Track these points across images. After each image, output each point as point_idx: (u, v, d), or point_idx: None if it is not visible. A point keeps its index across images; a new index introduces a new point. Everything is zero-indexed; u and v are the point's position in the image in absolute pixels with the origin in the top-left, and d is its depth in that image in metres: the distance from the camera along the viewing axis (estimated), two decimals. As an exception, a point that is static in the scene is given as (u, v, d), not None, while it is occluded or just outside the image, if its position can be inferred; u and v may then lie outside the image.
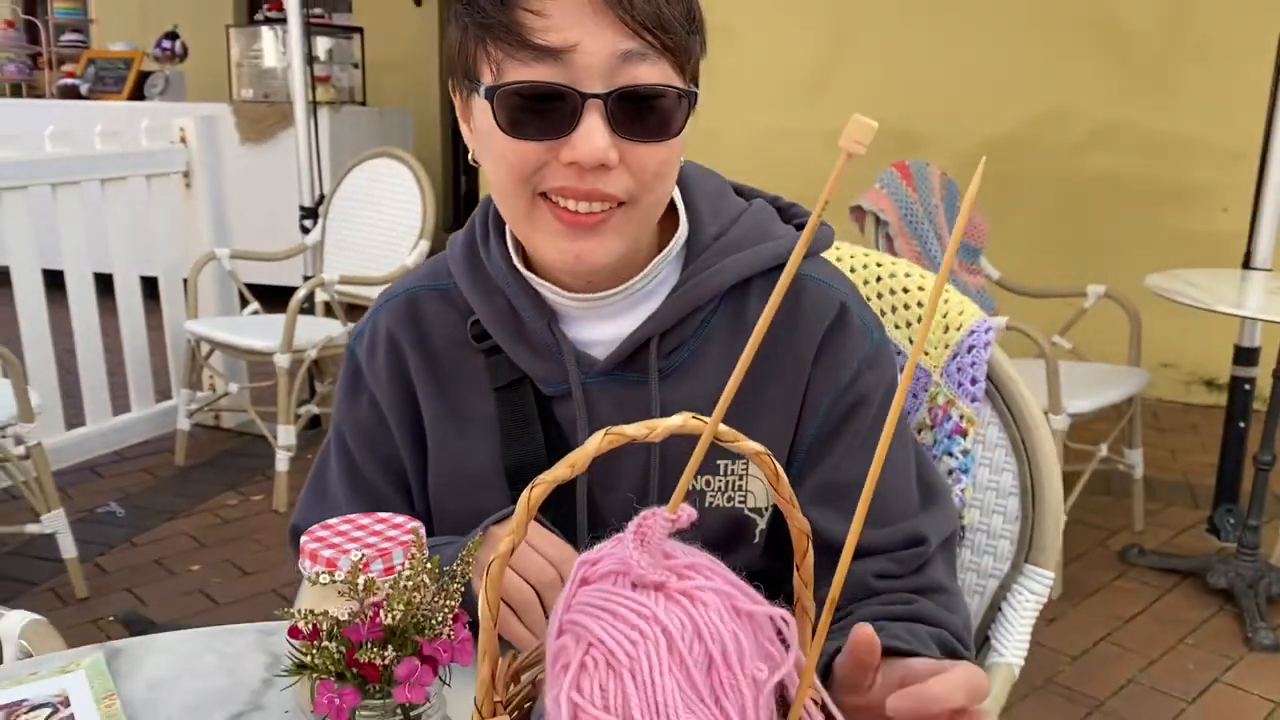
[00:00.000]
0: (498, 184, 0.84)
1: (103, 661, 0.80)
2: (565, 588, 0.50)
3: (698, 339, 0.90)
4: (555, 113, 0.78)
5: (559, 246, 0.83)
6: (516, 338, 0.90)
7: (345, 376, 1.00)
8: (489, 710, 0.49)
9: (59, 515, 2.69)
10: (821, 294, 0.92)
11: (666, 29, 0.79)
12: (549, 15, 0.77)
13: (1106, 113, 4.39)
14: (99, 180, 3.46)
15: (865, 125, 0.47)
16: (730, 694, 0.47)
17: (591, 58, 0.77)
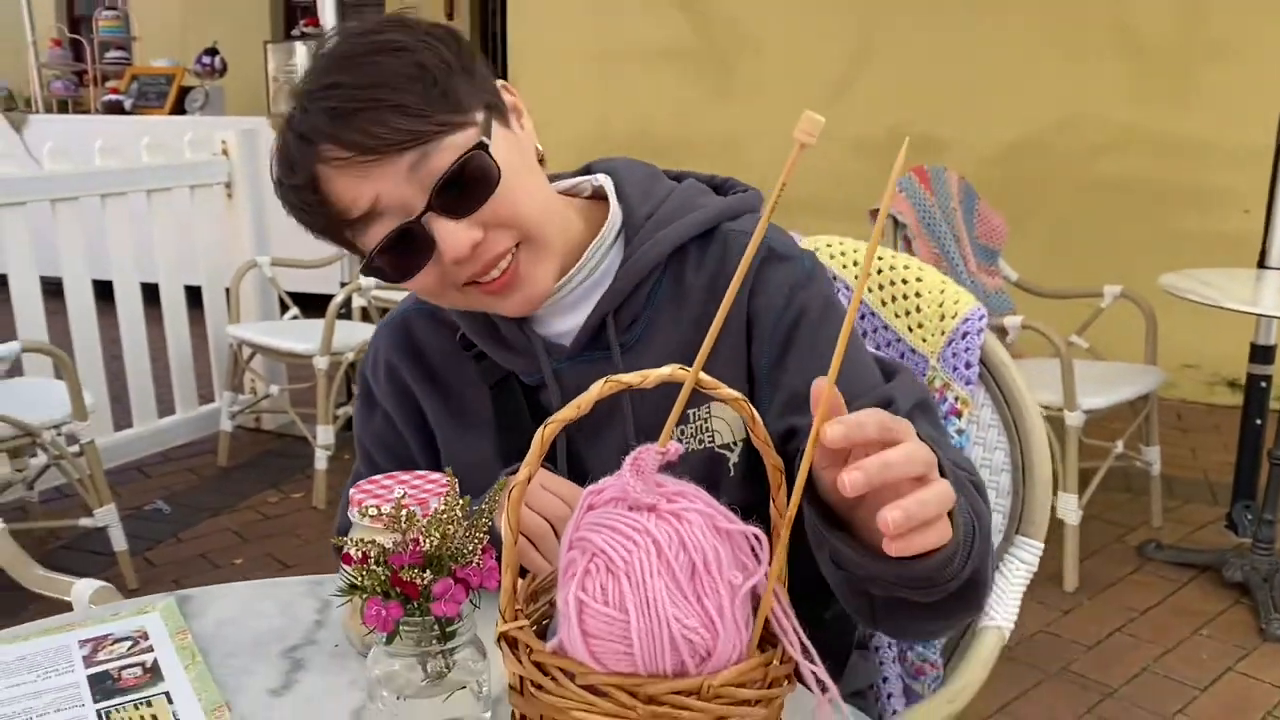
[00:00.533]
0: (445, 302, 0.97)
1: (174, 604, 0.90)
2: (574, 514, 0.60)
3: (649, 310, 1.00)
4: (415, 246, 0.89)
5: (505, 306, 0.96)
6: (495, 341, 1.01)
7: (360, 396, 1.13)
8: (511, 615, 0.59)
9: (110, 510, 2.82)
10: (744, 243, 1.00)
11: (417, 124, 0.86)
12: (342, 195, 0.88)
13: (1124, 116, 4.44)
14: (145, 191, 3.61)
15: (814, 119, 0.56)
16: (710, 595, 0.56)
17: (395, 191, 0.87)
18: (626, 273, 0.99)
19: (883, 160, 4.43)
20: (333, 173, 0.88)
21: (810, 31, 4.97)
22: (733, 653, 0.58)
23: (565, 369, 1.01)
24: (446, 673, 0.70)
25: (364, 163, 0.86)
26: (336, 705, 0.76)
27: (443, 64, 0.89)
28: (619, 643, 0.56)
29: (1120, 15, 4.40)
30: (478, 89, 0.92)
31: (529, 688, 0.59)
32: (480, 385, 1.04)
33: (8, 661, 0.82)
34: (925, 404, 0.98)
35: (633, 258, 0.99)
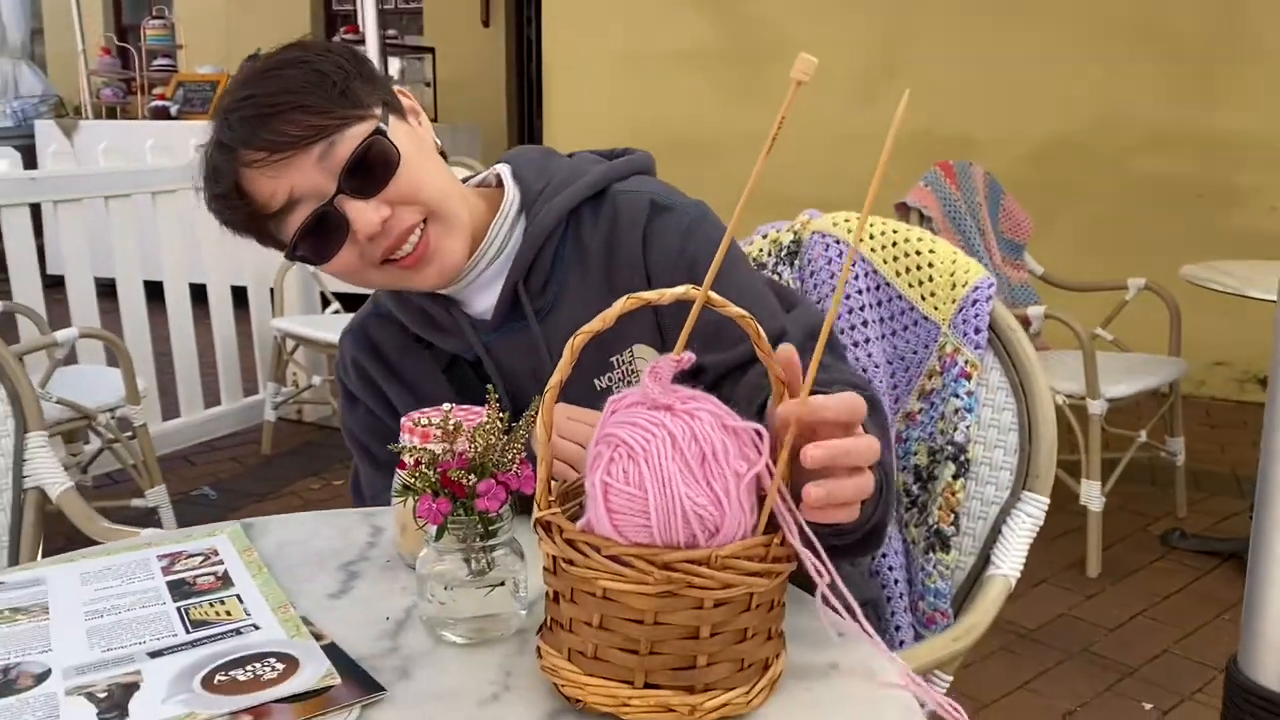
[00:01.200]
0: (368, 283, 1.08)
1: (240, 529, 0.99)
2: (601, 417, 0.68)
3: (555, 275, 1.10)
4: (330, 226, 1.00)
5: (422, 279, 1.06)
6: (430, 327, 1.13)
7: (341, 398, 1.23)
8: (545, 504, 0.67)
9: (161, 490, 2.94)
10: (630, 202, 1.11)
11: (322, 120, 0.98)
12: (261, 190, 0.99)
13: (1155, 115, 4.47)
14: (195, 189, 3.73)
15: (808, 60, 0.64)
16: (717, 479, 0.64)
17: (308, 179, 0.98)
18: (527, 241, 1.09)
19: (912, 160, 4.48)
20: (253, 174, 0.99)
21: (841, 32, 5.04)
22: (738, 531, 0.66)
23: (492, 342, 1.11)
24: (488, 570, 0.78)
25: (277, 161, 0.97)
26: (388, 605, 0.84)
27: (339, 70, 1.01)
28: (639, 517, 0.64)
29: (1153, 15, 4.44)
30: (374, 90, 1.03)
31: (561, 565, 0.67)
32: (435, 372, 1.15)
33: (95, 570, 0.91)
34: (814, 332, 1.07)
35: (531, 228, 1.09)
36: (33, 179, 3.27)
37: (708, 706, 0.68)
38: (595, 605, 0.67)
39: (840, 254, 1.45)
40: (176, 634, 0.79)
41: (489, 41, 7.88)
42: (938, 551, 1.35)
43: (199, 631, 0.79)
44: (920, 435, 1.41)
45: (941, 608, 1.34)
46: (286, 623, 0.80)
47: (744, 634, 0.68)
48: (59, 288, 3.39)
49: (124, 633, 0.79)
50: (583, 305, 1.09)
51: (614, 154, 1.20)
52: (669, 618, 0.67)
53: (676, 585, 0.65)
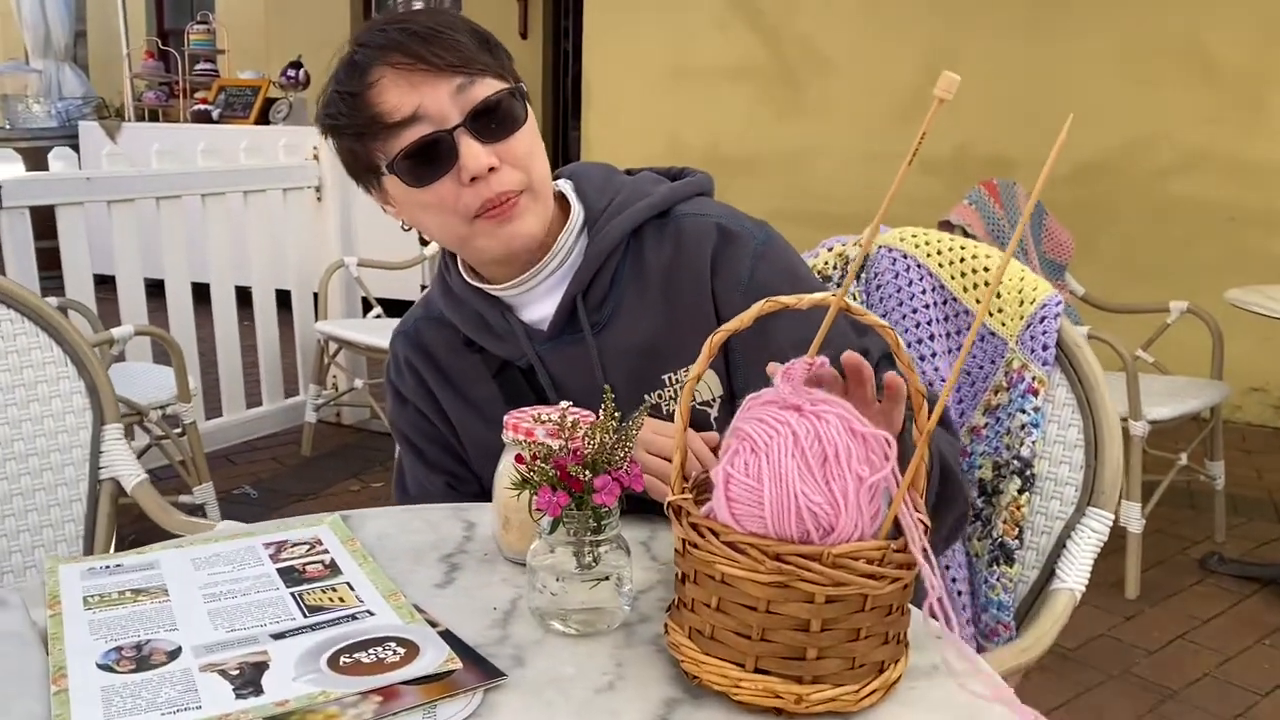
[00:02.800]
0: (438, 229, 1.09)
1: (339, 520, 1.02)
2: (739, 413, 0.71)
3: (615, 291, 1.12)
4: (439, 156, 1.02)
5: (497, 238, 1.07)
6: (484, 331, 1.15)
7: (390, 397, 1.25)
8: (678, 489, 0.70)
9: (208, 488, 2.99)
10: (695, 225, 1.13)
11: (469, 56, 1.03)
12: (389, 99, 1.01)
13: (1195, 138, 4.47)
14: (243, 192, 3.80)
15: (951, 77, 0.66)
16: (837, 480, 0.67)
17: (435, 106, 1.01)
18: (589, 257, 1.11)
19: (951, 178, 4.51)
20: (390, 78, 1.01)
21: (880, 50, 5.07)
22: (855, 533, 0.68)
23: (545, 351, 1.13)
24: (595, 564, 0.81)
25: (422, 71, 1.00)
26: (494, 594, 0.87)
27: (489, 36, 1.07)
28: (755, 508, 0.67)
29: (1195, 39, 4.44)
30: (510, 66, 1.08)
31: (687, 548, 0.70)
32: (486, 376, 1.17)
33: (204, 557, 0.94)
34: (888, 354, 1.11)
35: (593, 244, 1.11)
36: (88, 179, 3.34)
37: (814, 699, 0.71)
38: (714, 588, 0.70)
39: (908, 268, 1.47)
40: (295, 618, 0.82)
41: (526, 53, 7.94)
42: (1001, 565, 1.37)
43: (316, 616, 0.82)
44: (985, 449, 1.43)
45: (1004, 620, 1.36)
46: (400, 609, 0.83)
47: (857, 633, 0.70)
48: (102, 286, 3.44)
49: (245, 615, 0.82)
50: (639, 322, 1.12)
51: (674, 174, 1.23)
52: (781, 608, 0.69)
53: (788, 577, 0.68)
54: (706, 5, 5.40)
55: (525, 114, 1.06)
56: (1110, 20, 4.58)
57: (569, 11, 7.91)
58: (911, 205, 1.50)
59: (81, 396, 1.60)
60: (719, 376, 1.12)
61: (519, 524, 0.91)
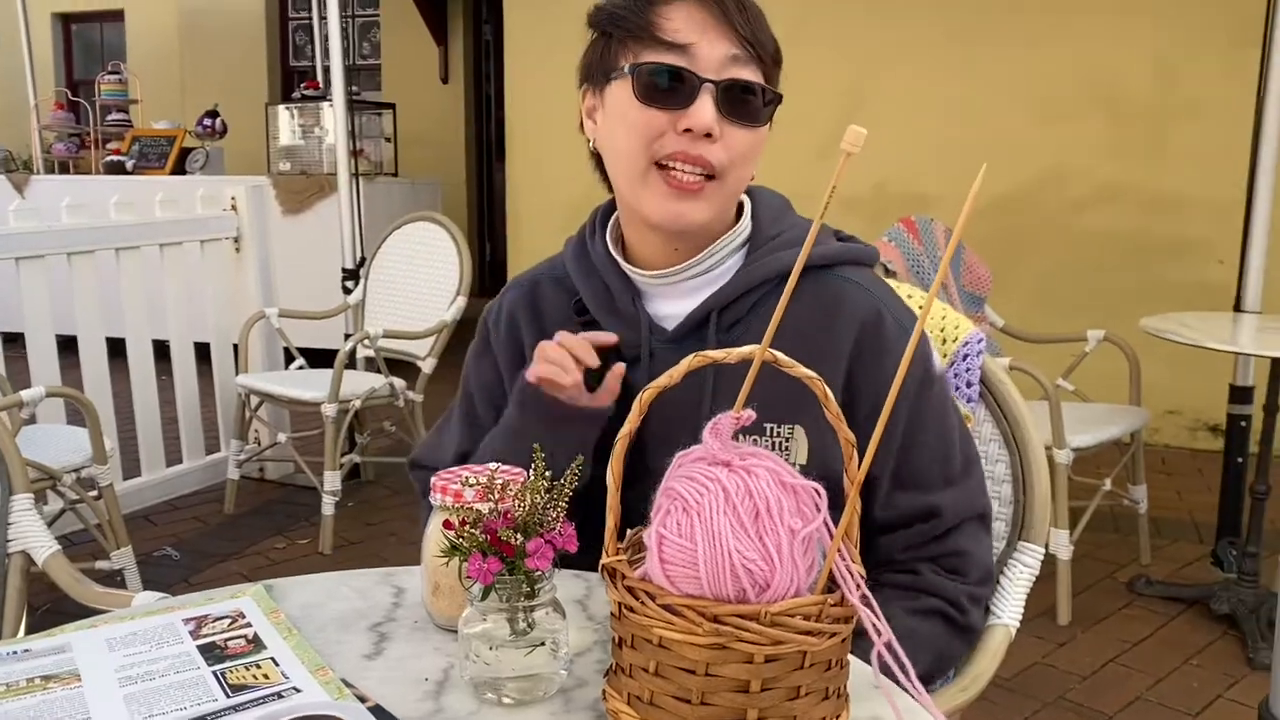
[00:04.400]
0: (624, 151, 1.06)
1: (263, 590, 0.99)
2: (669, 471, 0.70)
3: (751, 318, 1.10)
4: (678, 91, 1.02)
5: (665, 206, 1.05)
6: (608, 310, 1.13)
7: (477, 341, 1.23)
8: (612, 551, 0.69)
9: (127, 552, 2.88)
10: (860, 296, 1.10)
11: (763, 44, 1.05)
12: (676, 22, 1.02)
13: (1104, 171, 4.63)
14: (159, 245, 3.72)
15: (857, 131, 0.67)
16: (770, 535, 0.66)
17: (707, 54, 1.02)
18: (742, 277, 1.09)
19: (869, 215, 4.59)
20: (685, 6, 1.03)
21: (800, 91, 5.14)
22: (790, 587, 0.68)
23: (662, 349, 1.11)
24: (530, 629, 0.79)
25: (719, 22, 1.02)
26: (426, 664, 0.85)
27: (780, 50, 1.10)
28: (689, 568, 0.66)
29: (1099, 76, 4.61)
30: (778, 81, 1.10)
31: (624, 611, 0.68)
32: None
33: (120, 636, 0.90)
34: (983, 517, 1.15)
35: (751, 265, 1.10)
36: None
37: (758, 761, 0.69)
38: (652, 653, 0.68)
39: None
40: (217, 699, 0.78)
41: (447, 97, 7.94)
42: (937, 602, 1.37)
43: (240, 696, 0.79)
44: (915, 487, 1.43)
45: (943, 659, 1.36)
46: (327, 685, 0.80)
47: (797, 691, 0.69)
48: (11, 345, 3.33)
49: (163, 699, 0.78)
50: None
51: (841, 236, 1.21)
52: (720, 670, 0.68)
53: (726, 638, 0.67)
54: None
55: (767, 121, 1.07)
56: (1020, 60, 4.74)
57: (490, 56, 7.94)
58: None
59: (-12, 467, 1.53)
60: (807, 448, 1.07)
61: (449, 589, 0.88)
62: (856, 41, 5.03)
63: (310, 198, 5.80)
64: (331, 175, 5.43)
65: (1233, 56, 4.20)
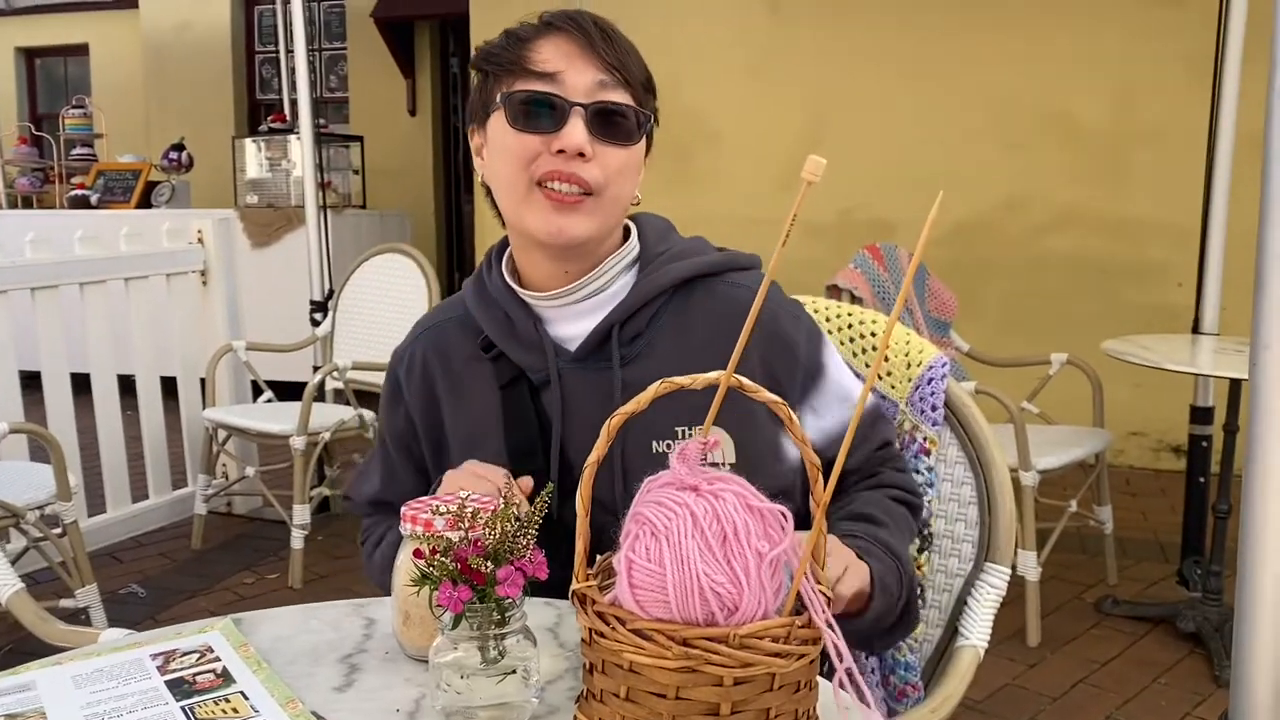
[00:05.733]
0: (506, 176, 1.11)
1: (231, 623, 0.98)
2: (637, 496, 0.71)
3: (651, 330, 1.15)
4: (550, 115, 1.08)
5: (548, 220, 1.10)
6: (510, 338, 1.16)
7: (387, 393, 1.25)
8: (582, 577, 0.69)
9: (92, 590, 2.84)
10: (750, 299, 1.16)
11: (630, 70, 1.11)
12: (544, 53, 1.09)
13: (1064, 197, 4.71)
14: (124, 279, 3.69)
15: (817, 161, 0.68)
16: (738, 558, 0.67)
17: (575, 81, 1.08)
18: (637, 291, 1.15)
19: (834, 242, 4.64)
20: (553, 40, 1.09)
21: (765, 122, 5.22)
22: (759, 610, 0.69)
23: (568, 370, 1.14)
24: (501, 658, 0.79)
25: (583, 45, 1.08)
26: (397, 695, 0.85)
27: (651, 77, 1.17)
28: (659, 593, 0.67)
29: (1057, 104, 4.70)
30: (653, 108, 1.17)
31: (594, 637, 0.69)
32: (493, 387, 1.17)
33: (87, 673, 0.89)
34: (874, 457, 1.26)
35: (644, 280, 1.15)
36: (-44, 271, 3.20)
37: (729, 784, 0.70)
38: (623, 678, 0.69)
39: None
40: (186, 734, 0.78)
41: (415, 129, 7.95)
42: (906, 625, 1.38)
43: (208, 730, 0.78)
44: (883, 511, 1.45)
45: (912, 680, 1.37)
46: (298, 718, 0.80)
47: (766, 713, 0.70)
48: (-24, 380, 3.29)
49: (131, 735, 0.78)
50: (666, 368, 1.09)
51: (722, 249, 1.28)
52: (690, 693, 0.69)
53: (696, 661, 0.68)
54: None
55: (639, 141, 1.13)
56: (980, 89, 4.82)
57: (457, 88, 7.97)
58: (798, 269, 1.56)
59: (-50, 504, 1.52)
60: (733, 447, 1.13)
61: (420, 619, 0.88)
62: (816, 72, 5.11)
63: (278, 230, 5.78)
64: (299, 208, 5.42)
65: (1189, 84, 4.29)
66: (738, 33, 5.30)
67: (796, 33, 5.14)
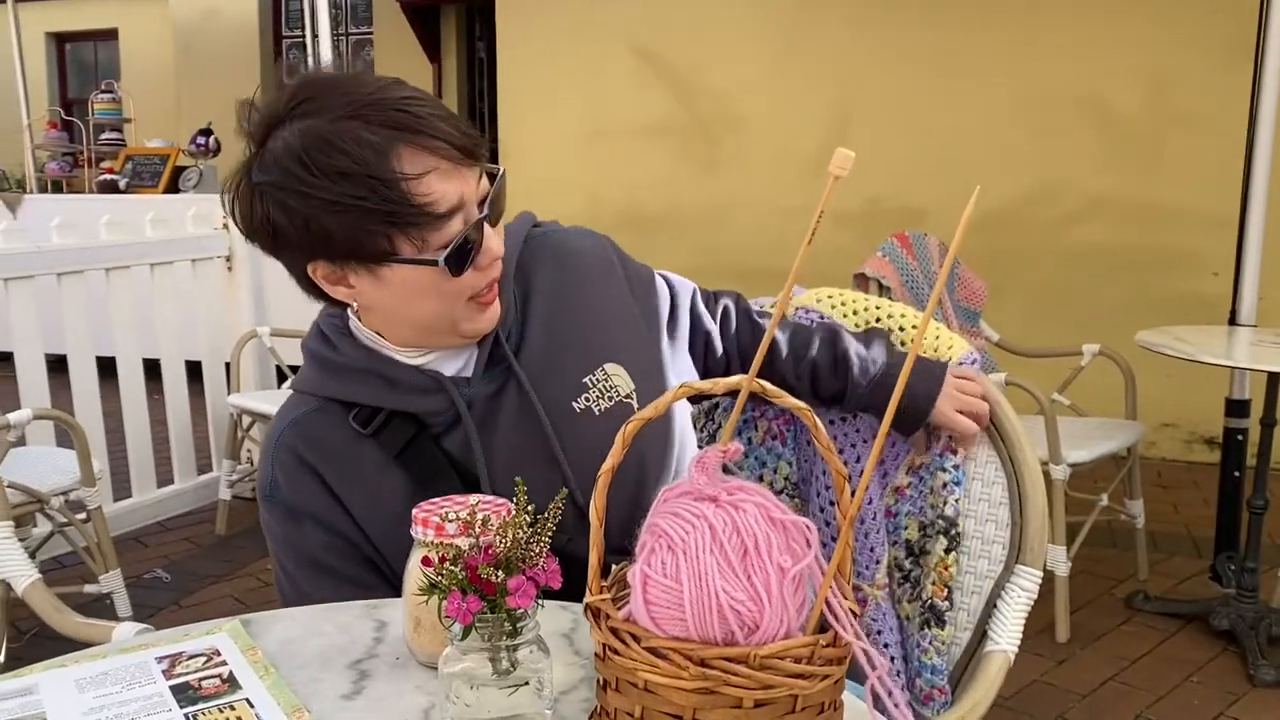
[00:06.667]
0: (433, 312, 1.06)
1: (240, 625, 0.96)
2: (653, 505, 0.68)
3: (521, 314, 1.17)
4: (470, 244, 1.03)
5: (480, 322, 1.09)
6: (400, 393, 1.10)
7: (276, 526, 1.12)
8: (596, 589, 0.66)
9: (116, 575, 2.85)
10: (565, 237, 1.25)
11: (480, 146, 1.04)
12: (433, 190, 0.99)
13: (1096, 185, 4.62)
14: (149, 265, 3.69)
15: (845, 154, 0.65)
16: (758, 573, 0.64)
17: (470, 197, 1.03)
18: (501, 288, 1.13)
19: (862, 230, 4.58)
20: (439, 170, 0.99)
21: (791, 107, 5.16)
22: (781, 628, 0.65)
23: (472, 395, 1.11)
24: (513, 669, 0.76)
25: (448, 154, 0.99)
26: (407, 704, 0.82)
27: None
28: (675, 609, 0.64)
29: (1090, 88, 4.61)
30: None
31: (608, 653, 0.66)
32: (387, 462, 1.09)
33: (91, 676, 0.88)
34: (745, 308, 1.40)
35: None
36: (-17, 256, 3.21)
37: (748, 807, 0.67)
38: (637, 696, 0.66)
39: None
40: (188, 744, 0.76)
41: (440, 113, 7.93)
42: (933, 627, 1.35)
43: (211, 740, 0.76)
44: (910, 509, 1.41)
45: (939, 684, 1.34)
46: (303, 728, 0.77)
47: (788, 734, 0.67)
48: (5, 363, 3.30)
49: (132, 744, 0.76)
50: (548, 335, 1.16)
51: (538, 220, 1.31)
52: (708, 715, 0.66)
53: (714, 682, 0.64)
54: (619, 64, 5.45)
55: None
56: (1010, 74, 4.73)
57: (483, 73, 7.94)
58: (826, 258, 1.53)
59: (-33, 495, 1.51)
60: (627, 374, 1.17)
61: (431, 625, 0.86)
62: (844, 58, 5.03)
63: (303, 215, 5.78)
64: (324, 193, 5.41)
65: (1227, 67, 4.20)
66: (765, 18, 5.23)
67: (825, 19, 5.06)
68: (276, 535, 1.13)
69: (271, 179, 0.99)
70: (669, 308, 1.28)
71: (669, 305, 1.28)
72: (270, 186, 0.99)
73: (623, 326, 1.20)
